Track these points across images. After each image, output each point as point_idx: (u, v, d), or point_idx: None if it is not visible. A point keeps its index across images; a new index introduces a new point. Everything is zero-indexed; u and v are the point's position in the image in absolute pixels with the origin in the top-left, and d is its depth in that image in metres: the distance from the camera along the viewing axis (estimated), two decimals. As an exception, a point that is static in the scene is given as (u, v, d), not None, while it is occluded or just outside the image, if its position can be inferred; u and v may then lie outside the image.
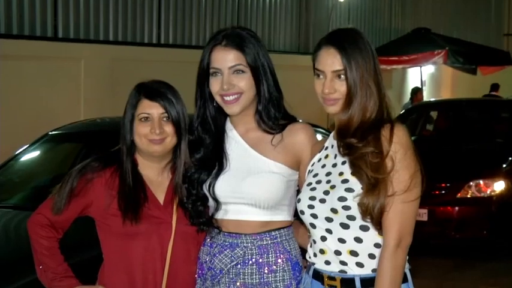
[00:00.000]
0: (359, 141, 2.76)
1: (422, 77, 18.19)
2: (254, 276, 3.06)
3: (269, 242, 3.08)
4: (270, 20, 15.39)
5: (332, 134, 2.99)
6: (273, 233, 3.09)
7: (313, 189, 2.89)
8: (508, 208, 9.37)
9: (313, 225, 2.89)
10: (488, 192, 9.29)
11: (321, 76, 2.86)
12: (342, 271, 2.83)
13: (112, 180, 3.16)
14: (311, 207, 2.87)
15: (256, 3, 15.11)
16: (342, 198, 2.78)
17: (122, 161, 3.18)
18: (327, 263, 2.87)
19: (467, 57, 17.36)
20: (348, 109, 2.82)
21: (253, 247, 3.07)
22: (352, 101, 2.80)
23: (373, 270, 2.79)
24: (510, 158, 9.92)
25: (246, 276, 3.07)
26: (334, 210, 2.80)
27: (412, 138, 10.54)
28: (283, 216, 3.12)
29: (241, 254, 3.08)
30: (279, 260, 3.08)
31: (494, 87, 18.25)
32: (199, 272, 3.19)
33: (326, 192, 2.83)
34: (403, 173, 2.73)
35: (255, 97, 3.10)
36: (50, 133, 6.05)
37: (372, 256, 2.80)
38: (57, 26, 10.99)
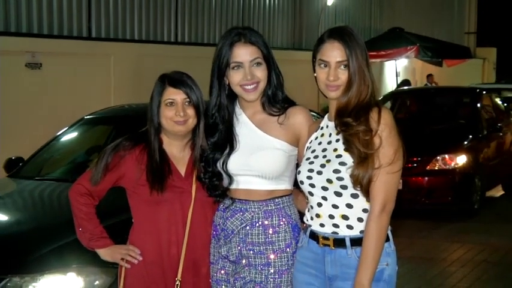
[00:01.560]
0: (354, 120, 2.77)
1: (397, 69, 18.20)
2: (260, 236, 3.07)
3: (273, 207, 3.08)
4: (270, 21, 15.36)
5: (326, 116, 3.00)
6: (277, 200, 3.09)
7: (311, 162, 2.89)
8: (468, 178, 9.40)
9: (311, 193, 2.89)
10: (452, 164, 9.31)
11: (326, 66, 2.85)
12: (334, 232, 2.84)
13: (141, 156, 3.16)
14: (309, 178, 2.87)
15: (258, 7, 15.06)
16: (336, 171, 2.78)
17: (149, 140, 3.17)
18: (322, 225, 2.87)
19: (434, 52, 17.38)
20: (347, 93, 2.82)
21: (259, 212, 3.08)
22: (351, 87, 2.81)
23: (361, 232, 2.80)
24: (470, 136, 9.94)
25: (254, 236, 3.07)
26: (329, 181, 2.80)
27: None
28: (285, 185, 3.12)
29: (249, 218, 3.08)
30: (282, 223, 3.08)
31: (428, 77, 18.56)
32: (214, 232, 3.19)
33: (322, 165, 2.84)
34: (388, 149, 2.73)
35: (266, 85, 3.11)
36: (86, 117, 6.05)
37: (360, 220, 2.81)
38: (91, 27, 10.96)
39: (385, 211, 2.75)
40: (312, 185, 2.87)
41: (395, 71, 18.14)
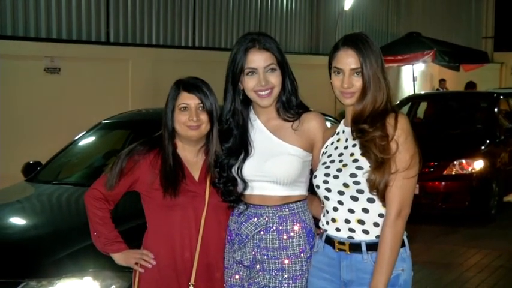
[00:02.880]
0: (370, 126, 2.77)
1: (414, 73, 18.10)
2: (274, 241, 3.05)
3: (287, 212, 3.07)
4: (287, 26, 15.32)
5: (342, 122, 2.99)
6: (291, 205, 3.08)
7: (328, 167, 2.88)
8: (485, 183, 9.33)
9: (326, 198, 2.88)
10: (469, 169, 9.24)
11: (340, 73, 2.85)
12: (350, 237, 2.83)
13: (155, 160, 3.15)
14: (325, 182, 2.86)
15: (275, 12, 15.03)
16: (353, 175, 2.78)
17: (164, 145, 3.17)
18: (337, 230, 2.86)
19: (451, 57, 17.27)
20: (362, 100, 2.82)
21: (274, 217, 3.06)
22: (366, 94, 2.81)
23: (377, 237, 2.79)
24: (488, 141, 9.87)
25: (268, 241, 3.05)
26: (345, 185, 2.80)
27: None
28: (300, 191, 3.11)
29: (264, 223, 3.06)
30: (296, 228, 3.06)
31: (470, 85, 18.31)
32: (228, 237, 3.18)
33: (339, 170, 2.83)
34: (404, 154, 2.73)
35: (280, 91, 3.09)
36: (103, 122, 6.04)
37: (376, 224, 2.80)
38: (109, 33, 10.98)
39: (401, 216, 2.74)
40: (328, 189, 2.86)
41: (412, 76, 18.05)
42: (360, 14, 17.68)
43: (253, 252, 3.07)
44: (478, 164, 9.24)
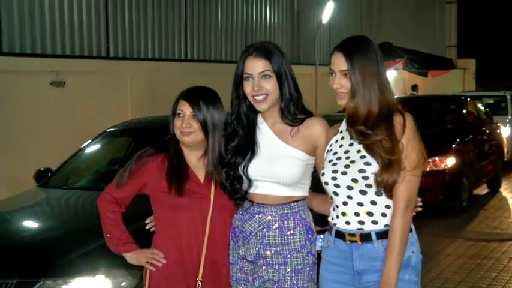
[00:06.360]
0: (367, 128, 2.70)
1: (387, 79, 18.12)
2: (277, 238, 2.99)
3: (289, 211, 3.00)
4: (270, 37, 15.24)
5: (345, 120, 2.89)
6: (292, 205, 3.01)
7: (335, 164, 2.80)
8: (457, 178, 9.33)
9: (335, 193, 2.80)
10: (442, 166, 9.24)
11: (332, 74, 2.80)
12: (359, 229, 2.76)
13: (162, 163, 3.10)
14: (334, 178, 2.78)
15: (259, 25, 15.01)
16: (361, 170, 2.71)
17: (169, 148, 3.14)
18: (347, 223, 2.78)
19: (420, 64, 17.42)
20: (353, 101, 2.73)
21: (276, 215, 2.99)
22: (356, 95, 2.72)
23: (385, 225, 2.73)
24: (458, 140, 9.87)
25: (271, 238, 2.99)
26: (354, 180, 2.72)
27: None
28: (301, 192, 3.04)
29: (267, 220, 3.00)
30: (296, 226, 3.00)
31: (414, 87, 18.45)
32: (233, 234, 3.11)
33: (347, 166, 2.75)
34: (412, 153, 2.68)
35: (279, 97, 3.00)
36: (108, 130, 5.98)
37: (383, 215, 2.74)
38: (109, 48, 10.89)
39: (409, 208, 2.70)
40: (337, 185, 2.78)
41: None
42: (337, 27, 17.68)
43: (257, 248, 3.01)
44: (450, 161, 9.24)
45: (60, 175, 5.56)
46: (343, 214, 2.80)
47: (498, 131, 12.10)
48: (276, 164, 2.96)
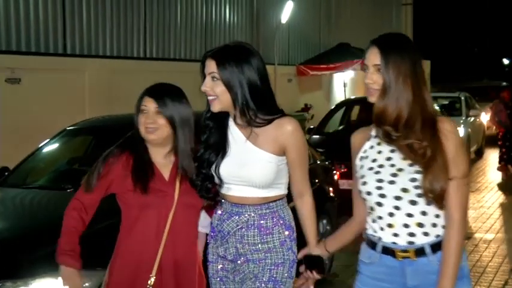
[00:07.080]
0: (396, 130, 2.56)
1: (345, 80, 18.32)
2: (256, 238, 2.97)
3: (267, 211, 2.97)
4: (230, 37, 15.21)
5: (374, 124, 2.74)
6: (271, 204, 2.98)
7: (378, 172, 2.62)
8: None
9: (379, 204, 2.62)
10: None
11: (366, 69, 2.64)
12: (410, 242, 2.60)
13: (127, 161, 3.07)
14: (379, 188, 2.61)
15: (219, 24, 14.94)
16: (413, 179, 2.54)
17: (134, 145, 3.10)
18: (395, 235, 2.61)
19: (378, 64, 17.51)
20: (383, 99, 2.56)
21: (255, 215, 2.96)
22: (387, 93, 2.55)
23: (436, 236, 2.60)
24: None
25: (249, 238, 2.97)
26: (405, 190, 2.56)
27: (342, 126, 10.57)
28: (278, 191, 3.00)
29: (245, 220, 2.97)
30: (275, 225, 2.98)
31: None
32: (212, 234, 3.09)
33: (394, 175, 2.58)
34: (460, 159, 2.56)
35: (231, 102, 2.89)
36: (68, 128, 5.89)
37: (434, 225, 2.60)
38: (66, 44, 10.70)
39: (464, 218, 2.59)
40: (383, 195, 2.61)
41: (343, 82, 18.28)
42: (296, 26, 17.73)
43: (236, 247, 2.99)
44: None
45: (18, 174, 5.44)
46: (390, 226, 2.62)
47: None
48: (247, 169, 2.91)
